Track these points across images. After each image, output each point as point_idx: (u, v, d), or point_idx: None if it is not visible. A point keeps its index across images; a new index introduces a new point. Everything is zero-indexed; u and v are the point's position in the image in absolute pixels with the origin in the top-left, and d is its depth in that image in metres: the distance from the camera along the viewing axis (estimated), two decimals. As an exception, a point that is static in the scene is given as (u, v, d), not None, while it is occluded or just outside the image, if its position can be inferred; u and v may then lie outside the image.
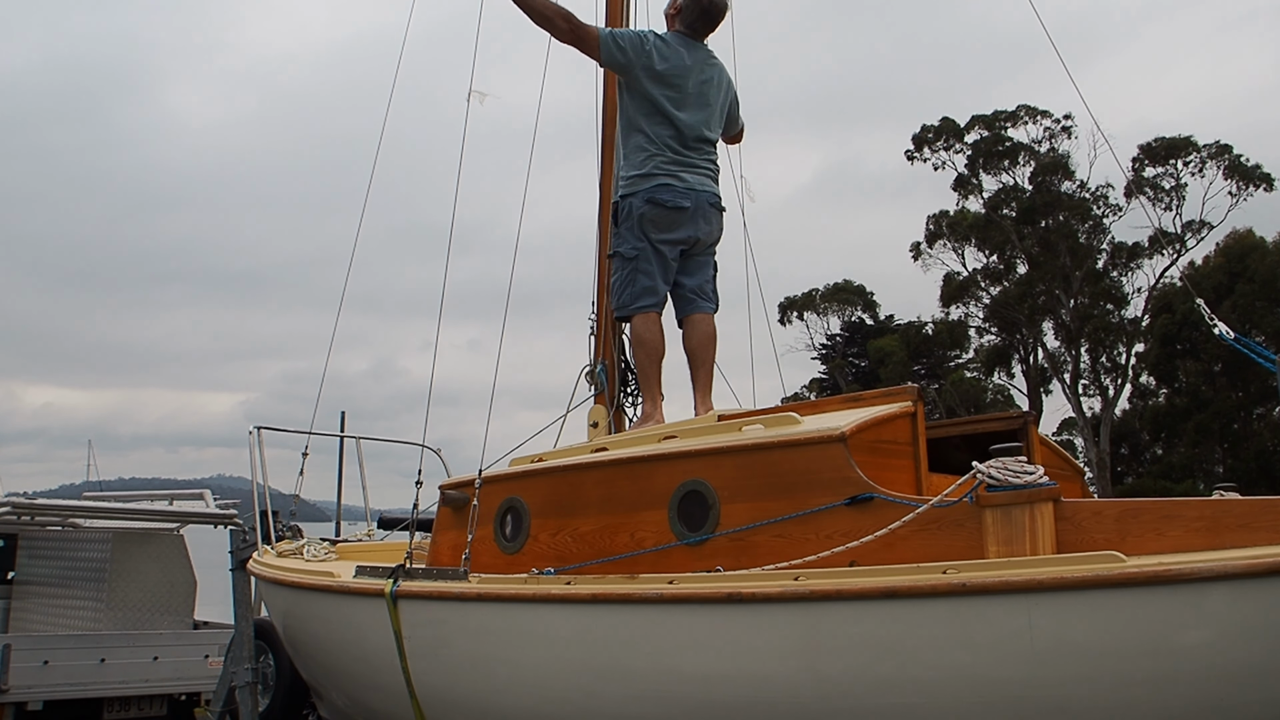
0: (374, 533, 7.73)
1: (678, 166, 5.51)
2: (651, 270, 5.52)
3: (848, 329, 50.97)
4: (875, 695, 3.49)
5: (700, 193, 5.55)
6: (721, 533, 4.27)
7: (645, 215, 5.46)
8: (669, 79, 5.51)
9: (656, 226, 5.49)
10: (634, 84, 5.54)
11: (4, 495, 8.72)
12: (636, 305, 5.55)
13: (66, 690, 7.46)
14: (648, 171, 5.49)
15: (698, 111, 5.59)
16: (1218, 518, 3.54)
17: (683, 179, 5.50)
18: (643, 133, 5.53)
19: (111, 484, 30.95)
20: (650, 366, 5.59)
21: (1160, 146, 38.93)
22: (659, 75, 5.49)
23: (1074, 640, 3.19)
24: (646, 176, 5.48)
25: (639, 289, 5.53)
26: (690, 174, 5.53)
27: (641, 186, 5.49)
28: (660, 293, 5.60)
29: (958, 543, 3.76)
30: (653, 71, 5.49)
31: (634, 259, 5.52)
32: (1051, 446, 4.84)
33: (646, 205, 5.46)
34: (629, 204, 5.53)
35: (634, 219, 5.50)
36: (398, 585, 4.86)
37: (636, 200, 5.49)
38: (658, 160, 5.48)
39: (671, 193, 5.46)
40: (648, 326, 5.57)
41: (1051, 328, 41.85)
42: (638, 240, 5.51)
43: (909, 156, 42.94)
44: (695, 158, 5.57)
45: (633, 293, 5.55)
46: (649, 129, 5.52)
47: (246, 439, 7.18)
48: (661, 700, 3.95)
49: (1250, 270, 36.17)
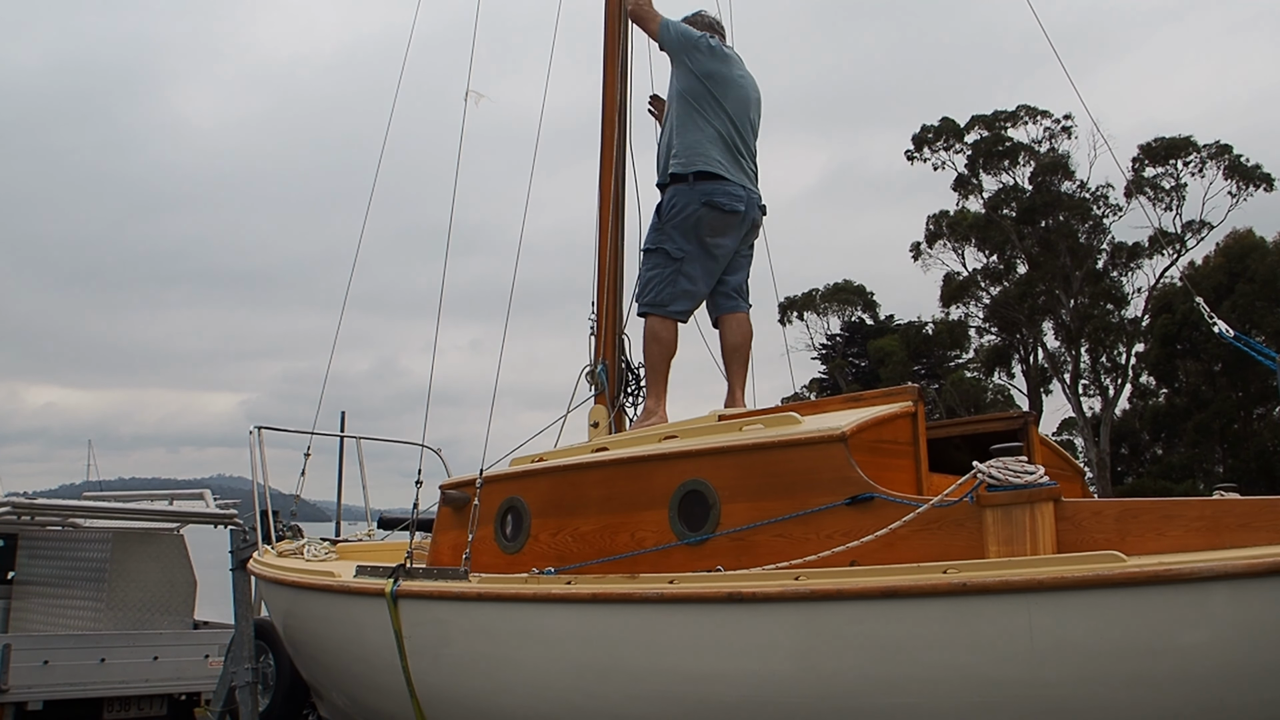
0: (374, 533, 7.72)
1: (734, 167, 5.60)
2: (695, 274, 5.58)
3: (848, 329, 50.94)
4: (875, 695, 3.49)
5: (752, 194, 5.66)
6: (722, 532, 4.27)
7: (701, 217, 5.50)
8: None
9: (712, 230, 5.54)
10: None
11: (4, 495, 8.71)
12: (673, 307, 5.60)
13: (66, 690, 7.46)
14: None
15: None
16: (1218, 518, 3.54)
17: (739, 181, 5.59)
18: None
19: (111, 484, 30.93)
20: (662, 364, 5.62)
21: (1160, 146, 38.90)
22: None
23: (1074, 640, 3.19)
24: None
25: (679, 290, 5.57)
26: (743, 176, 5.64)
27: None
28: (699, 298, 5.70)
29: (958, 543, 3.76)
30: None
31: (679, 260, 5.55)
32: (1051, 446, 4.84)
33: (703, 208, 5.49)
34: (685, 202, 5.53)
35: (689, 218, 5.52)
36: (398, 585, 4.86)
37: (693, 202, 5.51)
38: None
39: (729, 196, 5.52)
40: (666, 326, 5.61)
41: (1051, 328, 41.84)
42: (686, 241, 5.55)
43: (909, 157, 42.94)
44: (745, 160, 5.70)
45: (672, 293, 5.58)
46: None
47: (247, 439, 7.19)
48: (661, 700, 3.95)
49: (1250, 270, 36.15)
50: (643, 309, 5.67)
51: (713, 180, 5.48)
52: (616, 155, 6.12)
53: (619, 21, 6.27)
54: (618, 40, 6.21)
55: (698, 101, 5.59)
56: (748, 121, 5.71)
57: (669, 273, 5.54)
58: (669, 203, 5.57)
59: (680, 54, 5.68)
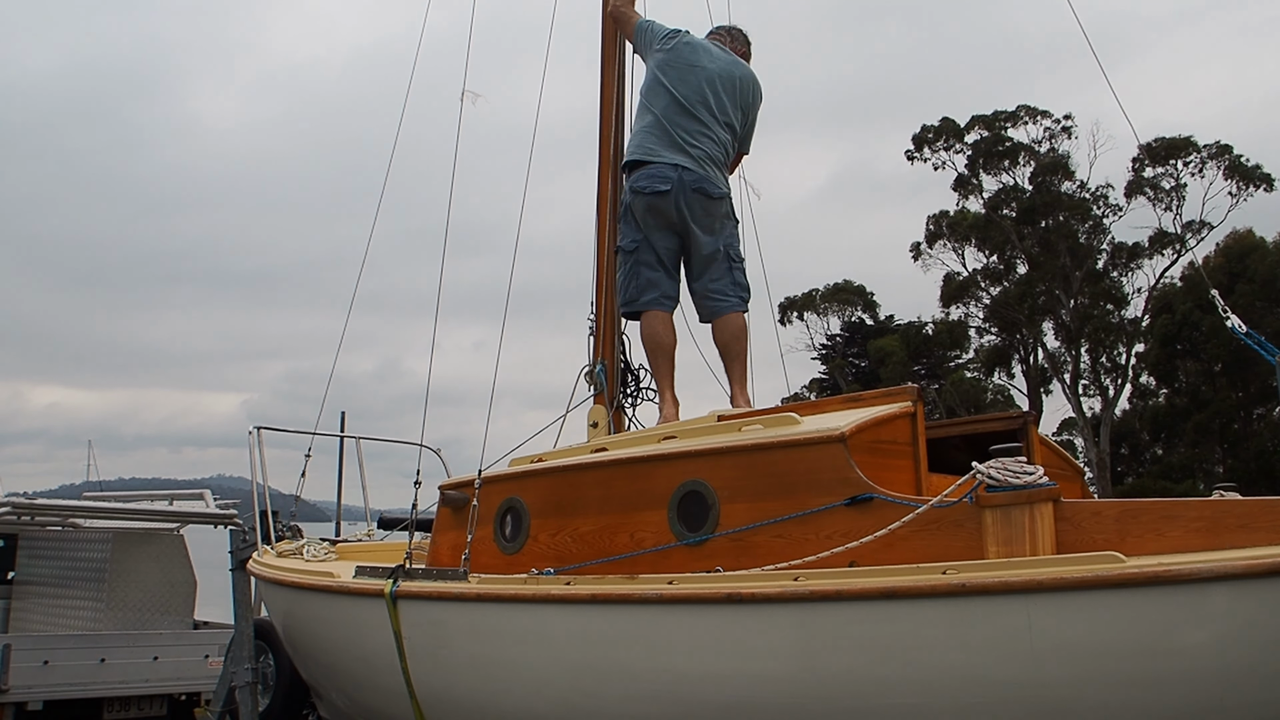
0: (374, 533, 7.72)
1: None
2: (651, 260, 5.58)
3: (848, 329, 50.93)
4: (875, 695, 3.49)
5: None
6: (721, 533, 4.27)
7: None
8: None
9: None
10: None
11: (4, 495, 8.71)
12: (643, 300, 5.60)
13: (66, 690, 7.46)
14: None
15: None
16: (1218, 518, 3.53)
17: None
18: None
19: (111, 484, 30.92)
20: (662, 361, 5.63)
21: (1160, 147, 38.90)
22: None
23: (1074, 640, 3.19)
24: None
25: (642, 282, 5.57)
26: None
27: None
28: (665, 284, 5.63)
29: (957, 543, 3.76)
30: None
31: (634, 251, 5.57)
32: (1051, 447, 4.83)
33: (633, 195, 5.52)
34: (624, 197, 5.59)
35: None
36: (397, 585, 4.86)
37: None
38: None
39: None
40: (650, 321, 5.62)
41: (1051, 328, 41.84)
42: (635, 232, 5.58)
43: (909, 157, 42.95)
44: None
45: (638, 286, 5.59)
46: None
47: (247, 439, 7.19)
48: (661, 700, 3.95)
49: (1250, 270, 36.15)
50: (621, 311, 5.79)
51: (638, 167, 5.54)
52: (613, 156, 6.13)
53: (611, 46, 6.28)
54: (615, 41, 6.22)
55: (647, 95, 5.67)
56: (704, 101, 5.55)
57: (629, 267, 5.63)
58: (623, 201, 5.70)
59: (643, 52, 5.81)
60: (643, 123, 5.65)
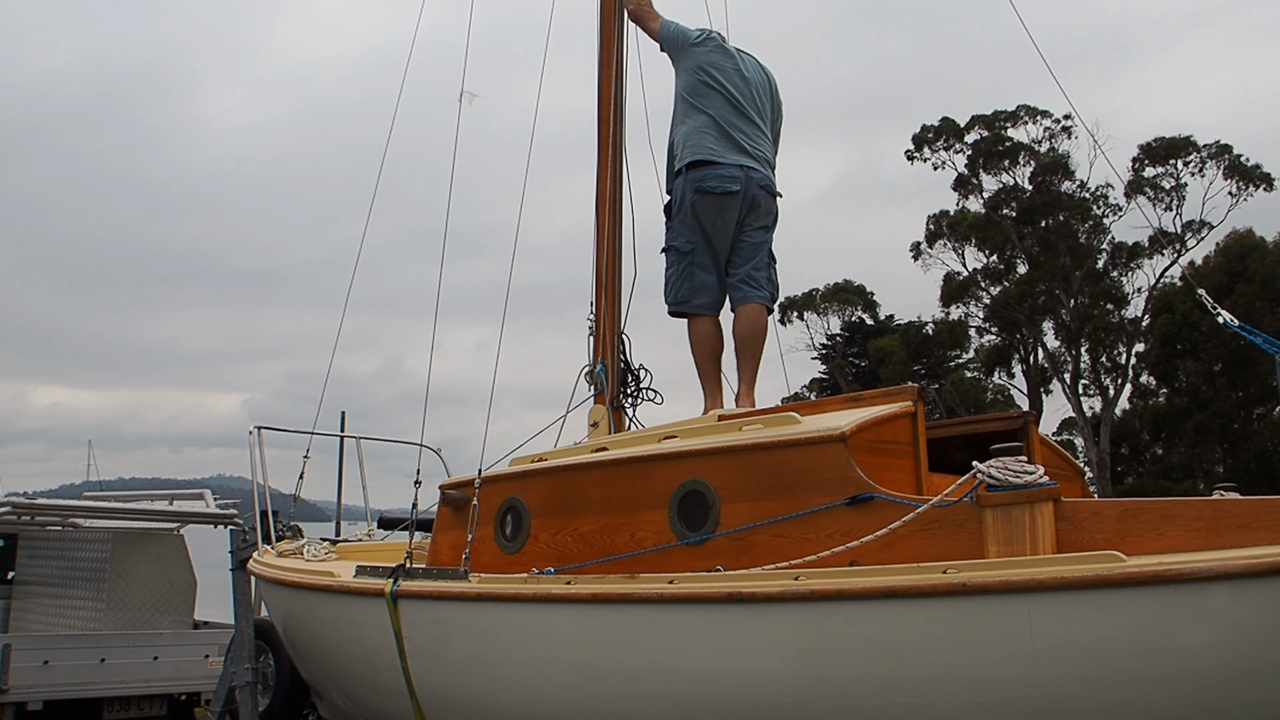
0: (374, 533, 7.72)
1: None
2: (707, 263, 5.62)
3: (848, 329, 50.91)
4: (875, 695, 3.49)
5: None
6: (722, 532, 4.27)
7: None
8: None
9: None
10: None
11: (4, 495, 8.71)
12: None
13: (66, 690, 7.46)
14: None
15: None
16: (1218, 518, 3.54)
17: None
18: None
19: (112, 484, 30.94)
20: (708, 362, 5.65)
21: (1160, 146, 38.89)
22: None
23: (1074, 640, 3.19)
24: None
25: (696, 284, 5.60)
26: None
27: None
28: (718, 287, 5.69)
29: (958, 543, 3.76)
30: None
31: (689, 252, 5.57)
32: (1051, 446, 4.84)
33: (696, 194, 5.48)
34: (682, 195, 5.57)
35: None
36: (398, 585, 4.86)
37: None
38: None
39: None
40: (698, 324, 5.66)
41: (1051, 328, 41.82)
42: (691, 233, 5.57)
43: (909, 157, 42.94)
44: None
45: (690, 288, 5.60)
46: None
47: (248, 439, 7.18)
48: (661, 700, 3.95)
49: (1250, 270, 36.13)
50: (670, 309, 5.76)
51: (704, 167, 5.48)
52: (613, 156, 6.13)
53: (615, 23, 6.27)
54: (613, 42, 6.21)
55: (693, 94, 5.61)
56: (753, 104, 5.65)
57: (684, 268, 5.62)
58: (673, 199, 5.64)
59: (678, 49, 5.75)
60: (695, 122, 5.56)
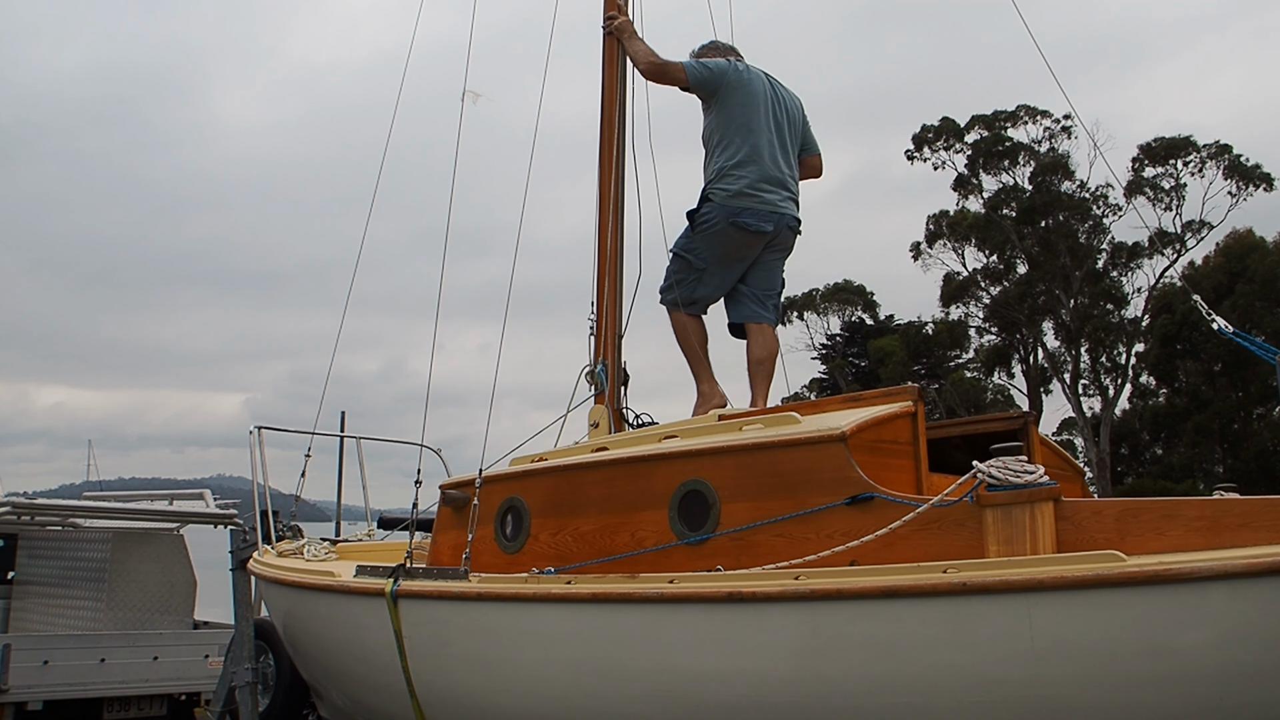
0: (374, 533, 7.72)
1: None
2: (713, 284, 5.75)
3: (848, 329, 50.90)
4: (875, 695, 3.49)
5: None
6: (722, 532, 4.27)
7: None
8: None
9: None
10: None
11: (4, 495, 8.71)
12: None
13: (66, 690, 7.46)
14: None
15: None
16: (1218, 517, 3.54)
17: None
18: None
19: (112, 484, 30.97)
20: (699, 349, 5.74)
21: (1160, 147, 38.89)
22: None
23: (1074, 640, 3.19)
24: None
25: (696, 295, 5.73)
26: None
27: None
28: (713, 302, 5.85)
29: (958, 542, 3.76)
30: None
31: (701, 270, 5.69)
32: (1051, 446, 4.84)
33: (730, 226, 5.57)
34: (715, 218, 5.62)
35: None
36: (398, 585, 4.86)
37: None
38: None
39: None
40: (688, 318, 5.76)
41: (1051, 328, 41.82)
42: (711, 255, 5.67)
43: (909, 156, 42.94)
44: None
45: (689, 295, 5.71)
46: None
47: (248, 439, 7.18)
48: (662, 700, 3.95)
49: (1250, 270, 36.14)
50: (662, 300, 5.87)
51: (742, 198, 5.54)
52: (615, 157, 6.13)
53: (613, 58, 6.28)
54: (616, 43, 6.21)
55: (730, 126, 5.63)
56: (785, 138, 5.73)
57: (690, 279, 5.72)
58: (701, 215, 5.64)
59: (715, 90, 5.70)
60: (742, 150, 5.56)
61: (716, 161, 5.64)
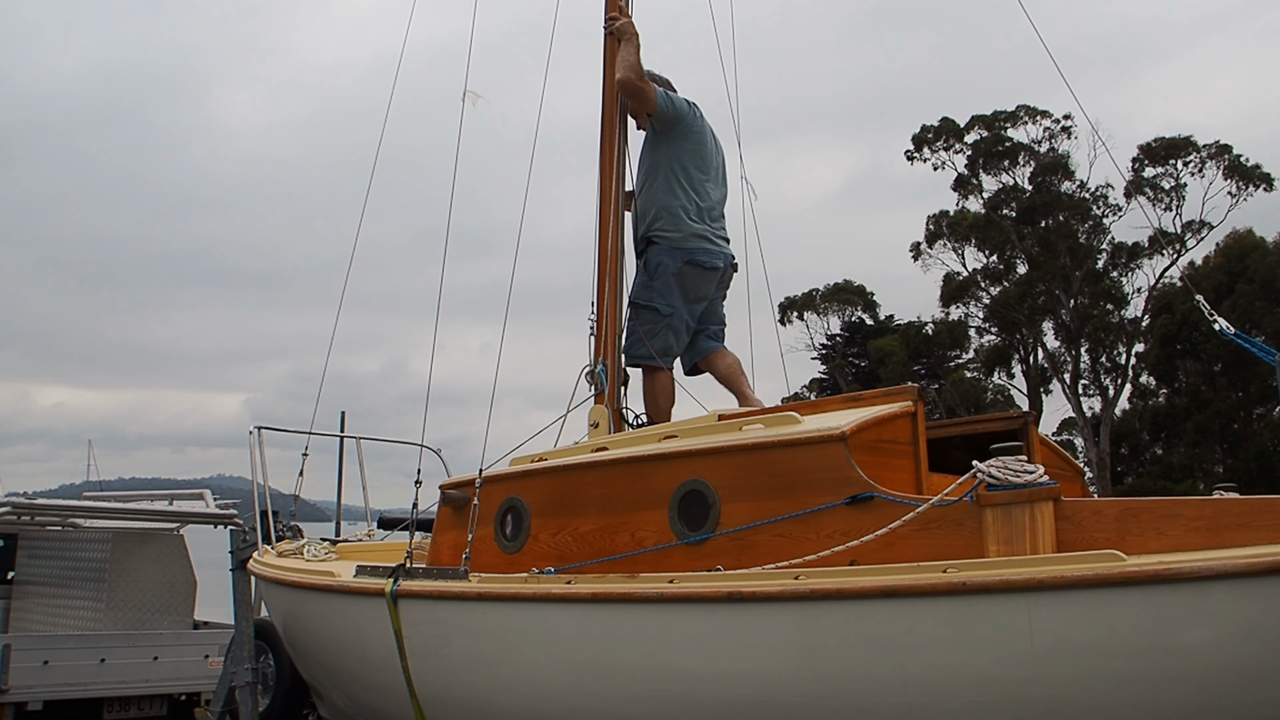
0: (374, 533, 7.72)
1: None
2: (680, 329, 5.88)
3: (848, 329, 50.90)
4: (875, 694, 3.49)
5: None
6: (722, 532, 4.27)
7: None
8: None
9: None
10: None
11: (4, 495, 8.71)
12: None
13: (66, 690, 7.46)
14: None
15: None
16: (1218, 517, 3.54)
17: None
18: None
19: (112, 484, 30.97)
20: (669, 414, 5.86)
21: (1160, 147, 38.88)
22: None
23: (1074, 640, 3.19)
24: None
25: (667, 344, 5.83)
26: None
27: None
28: (679, 351, 5.98)
29: (958, 542, 3.76)
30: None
31: (669, 316, 5.81)
32: (1051, 446, 4.84)
33: (686, 266, 5.79)
34: (670, 261, 5.81)
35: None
36: (398, 585, 4.86)
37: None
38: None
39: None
40: (664, 378, 5.88)
41: (1051, 328, 41.82)
42: (674, 299, 5.81)
43: (909, 157, 42.95)
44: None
45: (663, 347, 5.81)
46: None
47: (248, 439, 7.18)
48: (661, 699, 3.95)
49: (1250, 270, 36.14)
50: (632, 361, 5.92)
51: (693, 239, 5.81)
52: (616, 157, 6.13)
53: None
54: (617, 43, 6.21)
55: (679, 167, 5.87)
56: (719, 178, 6.04)
57: (660, 328, 5.82)
58: (654, 262, 5.83)
59: (674, 126, 5.92)
60: (684, 195, 5.83)
61: (661, 198, 5.85)
